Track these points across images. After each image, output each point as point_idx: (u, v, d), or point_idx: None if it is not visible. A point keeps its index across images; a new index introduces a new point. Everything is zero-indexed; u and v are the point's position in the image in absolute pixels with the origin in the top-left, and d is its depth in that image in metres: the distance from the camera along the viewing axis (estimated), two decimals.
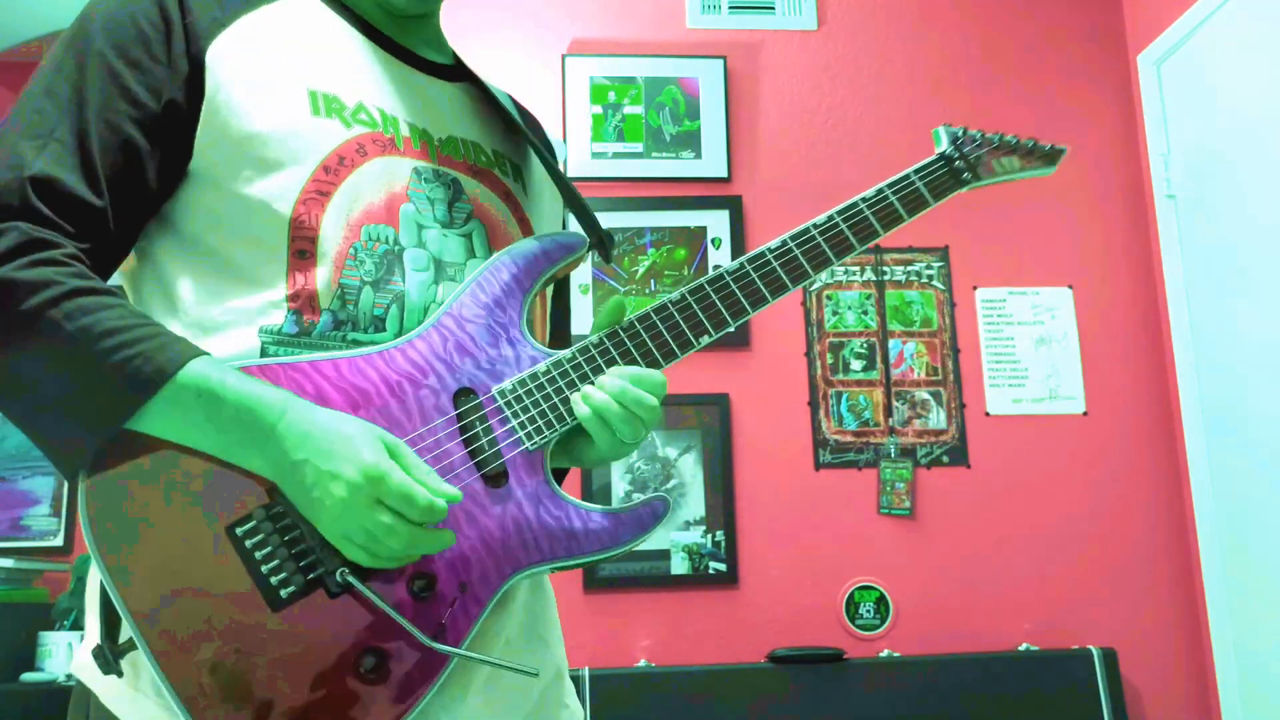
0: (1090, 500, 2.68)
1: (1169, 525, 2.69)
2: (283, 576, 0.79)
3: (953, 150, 1.08)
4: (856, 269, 2.79)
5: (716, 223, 2.77)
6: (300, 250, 0.88)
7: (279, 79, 0.91)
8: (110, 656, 0.79)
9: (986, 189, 1.12)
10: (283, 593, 0.79)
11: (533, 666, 0.84)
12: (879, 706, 2.39)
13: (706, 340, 0.96)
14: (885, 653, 2.53)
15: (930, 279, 2.79)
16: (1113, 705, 2.41)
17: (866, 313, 2.76)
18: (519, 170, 1.09)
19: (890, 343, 2.74)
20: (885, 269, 2.79)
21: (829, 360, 2.72)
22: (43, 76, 0.86)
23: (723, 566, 2.58)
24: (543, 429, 0.90)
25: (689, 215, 2.78)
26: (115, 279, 0.90)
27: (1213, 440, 2.57)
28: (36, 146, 0.82)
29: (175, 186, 0.89)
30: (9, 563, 2.35)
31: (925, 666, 2.45)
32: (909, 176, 1.05)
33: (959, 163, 1.07)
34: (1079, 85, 2.93)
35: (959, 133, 1.09)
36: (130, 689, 0.82)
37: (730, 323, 0.97)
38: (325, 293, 0.88)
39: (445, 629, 0.82)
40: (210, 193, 0.88)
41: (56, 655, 2.30)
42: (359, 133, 0.93)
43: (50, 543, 2.57)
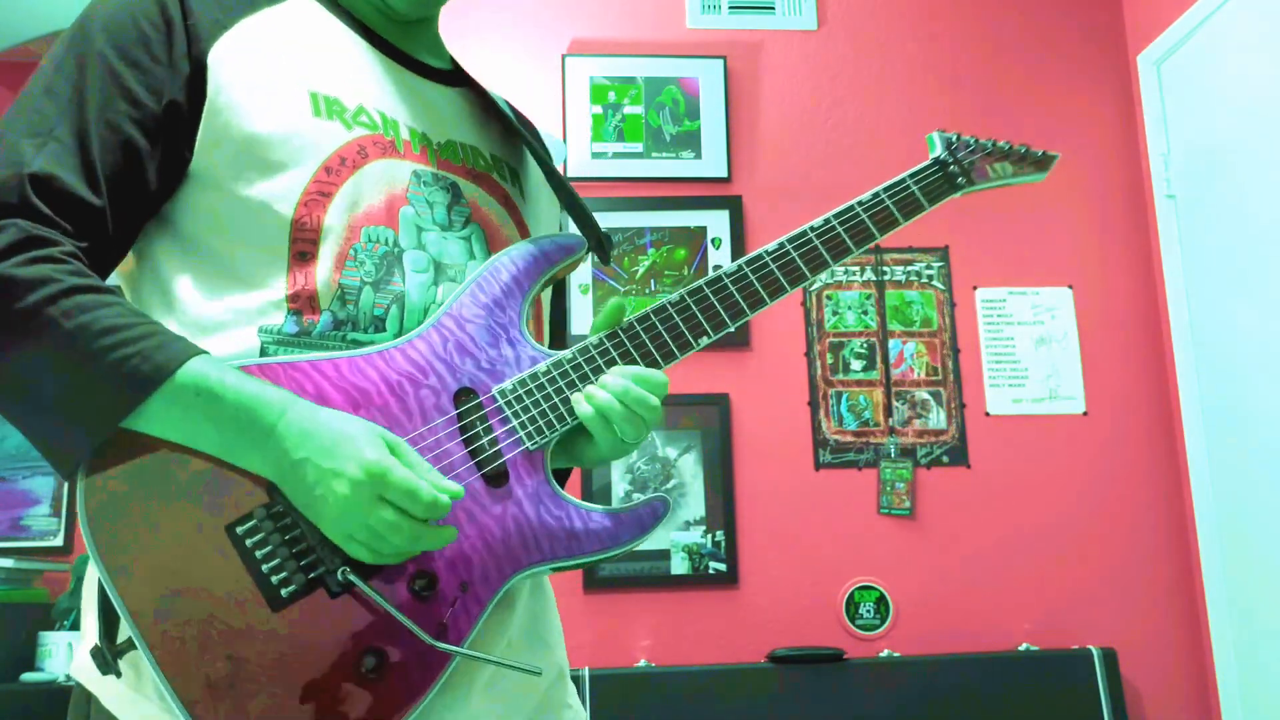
0: (1090, 500, 2.68)
1: (1169, 525, 2.69)
2: (283, 576, 0.79)
3: (947, 155, 1.09)
4: (856, 269, 2.79)
5: (716, 223, 2.77)
6: (301, 251, 0.88)
7: (280, 81, 0.91)
8: (109, 656, 0.78)
9: (983, 192, 1.13)
10: (283, 592, 0.78)
11: (536, 665, 0.84)
12: (879, 706, 2.39)
13: (705, 342, 0.97)
14: (885, 653, 2.53)
15: (930, 279, 2.79)
16: (1113, 705, 2.41)
17: (866, 313, 2.76)
18: (516, 175, 1.09)
19: (890, 343, 2.74)
20: (885, 269, 2.79)
21: (829, 360, 2.72)
22: (43, 76, 0.86)
23: (723, 566, 2.58)
24: (543, 429, 0.90)
25: (689, 215, 2.78)
26: (112, 280, 0.90)
27: (1213, 440, 2.57)
28: (36, 145, 0.82)
29: (175, 187, 0.89)
30: (9, 563, 2.35)
31: (925, 666, 2.45)
32: (904, 181, 1.06)
33: (953, 167, 1.08)
34: (1079, 85, 2.93)
35: (953, 138, 1.10)
36: (131, 691, 0.81)
37: (729, 324, 0.97)
38: (325, 293, 0.88)
39: (447, 628, 0.82)
40: (211, 193, 0.88)
41: (56, 655, 2.30)
42: (360, 135, 0.93)
43: (50, 543, 2.57)
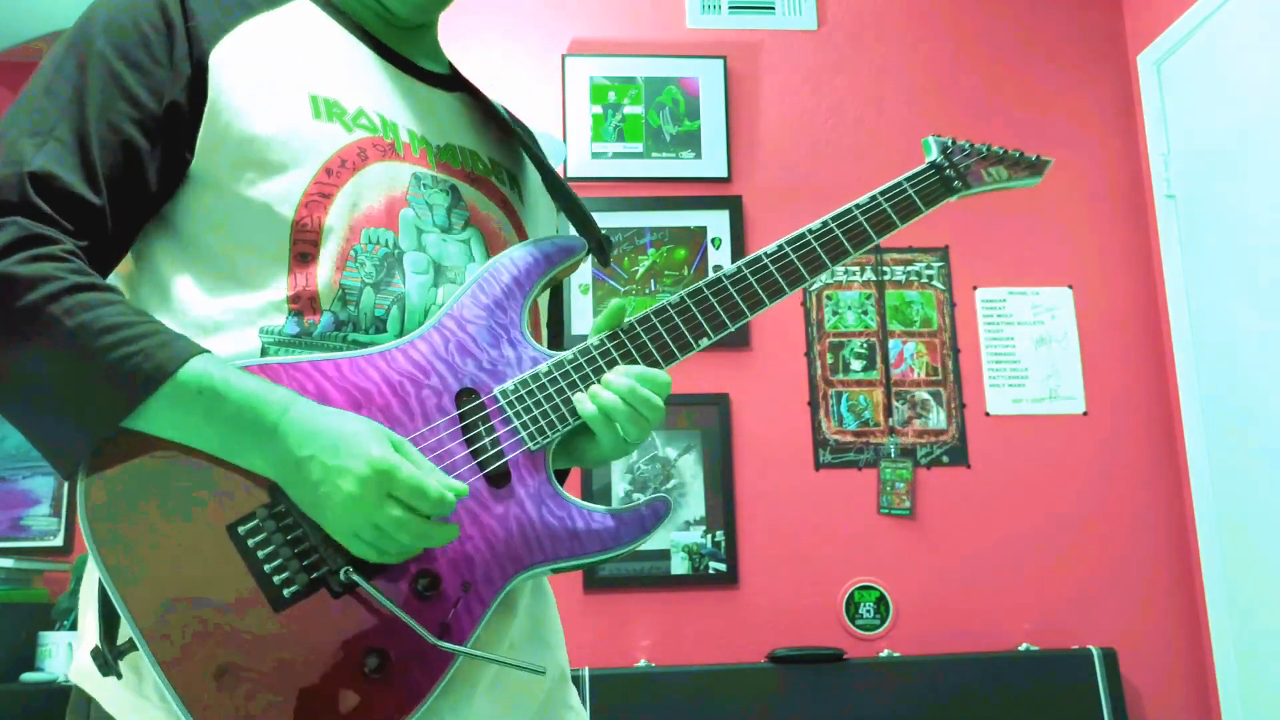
0: (1090, 500, 2.68)
1: (1169, 525, 2.69)
2: (285, 576, 0.79)
3: (942, 159, 1.10)
4: (856, 269, 2.79)
5: (716, 223, 2.77)
6: (302, 253, 0.88)
7: (281, 83, 0.91)
8: (109, 657, 0.78)
9: (980, 195, 1.14)
10: (285, 592, 0.78)
11: (540, 665, 0.84)
12: (879, 706, 2.39)
13: (705, 343, 0.97)
14: (885, 653, 2.53)
15: (930, 279, 2.79)
16: (1113, 705, 2.41)
17: (866, 313, 2.76)
18: (515, 179, 1.09)
19: (890, 343, 2.74)
20: (885, 269, 2.79)
21: (829, 360, 2.72)
22: (43, 76, 0.86)
23: (723, 566, 2.58)
24: (545, 429, 0.90)
25: (689, 215, 2.78)
26: (110, 281, 0.90)
27: (1213, 440, 2.57)
28: (36, 144, 0.82)
29: (175, 189, 0.89)
30: (9, 563, 2.35)
31: (925, 666, 2.45)
32: (901, 184, 1.07)
33: (949, 171, 1.09)
34: (1079, 85, 2.93)
35: (948, 142, 1.11)
36: (131, 693, 0.81)
37: (729, 325, 0.98)
38: (326, 294, 0.88)
39: (450, 628, 0.82)
40: (211, 195, 0.88)
41: (56, 655, 2.30)
42: (360, 137, 0.93)
43: (50, 543, 2.56)
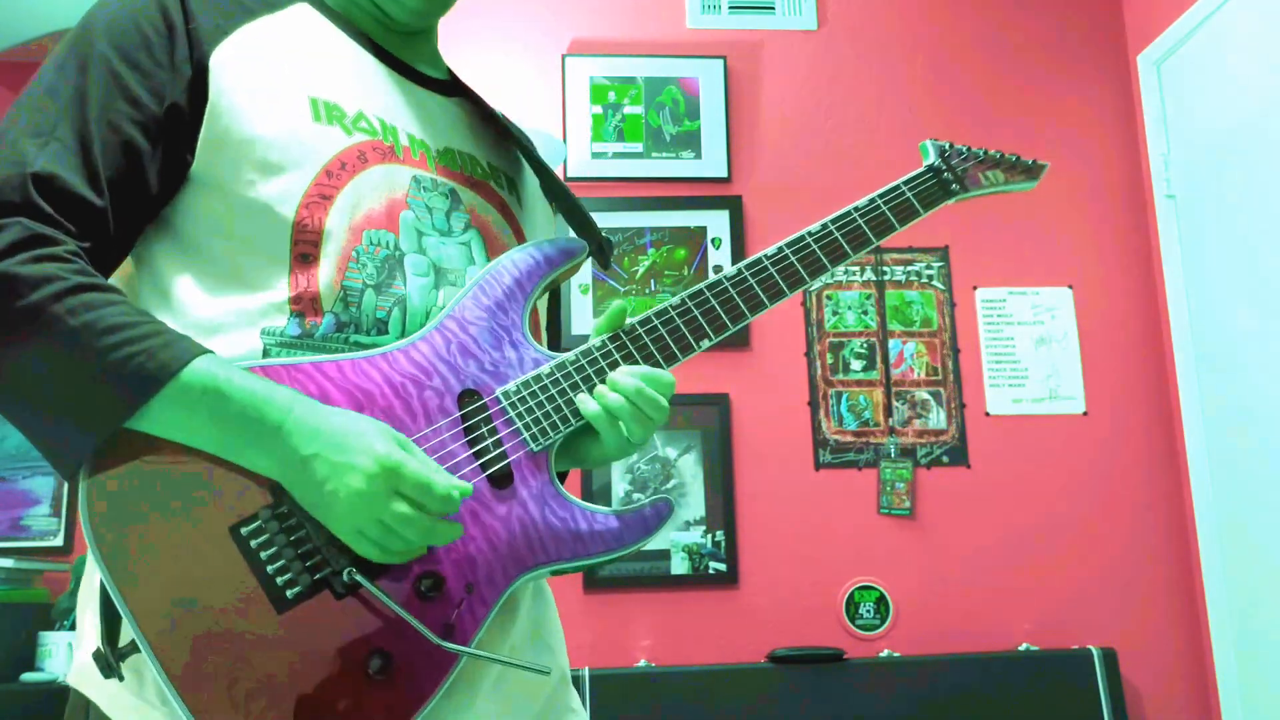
0: (1090, 500, 2.68)
1: (1169, 525, 2.69)
2: (288, 577, 0.78)
3: (940, 163, 1.11)
4: (856, 269, 2.79)
5: (716, 223, 2.77)
6: (303, 254, 0.88)
7: (281, 86, 0.92)
8: (111, 659, 0.78)
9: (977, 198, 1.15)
10: (289, 593, 0.78)
11: (544, 665, 0.84)
12: (879, 706, 2.39)
13: (707, 344, 0.98)
14: (885, 653, 2.53)
15: (930, 279, 2.79)
16: (1113, 705, 2.41)
17: (866, 313, 2.76)
18: (513, 184, 1.10)
19: (890, 343, 2.75)
20: (885, 269, 2.79)
21: (829, 360, 2.72)
22: (45, 77, 0.86)
23: (723, 566, 2.58)
24: (547, 430, 0.90)
25: (689, 215, 2.78)
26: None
27: (1213, 440, 2.58)
28: (38, 144, 0.82)
29: (175, 191, 0.89)
30: (9, 563, 2.35)
31: (925, 666, 2.45)
32: (899, 187, 1.08)
33: (947, 175, 1.10)
34: (1079, 85, 2.93)
35: (945, 146, 1.12)
36: (132, 696, 0.80)
37: (730, 326, 0.98)
38: (328, 295, 0.88)
39: (453, 629, 0.82)
40: (212, 196, 0.88)
41: (56, 655, 2.30)
42: (360, 140, 0.94)
43: (50, 543, 2.56)
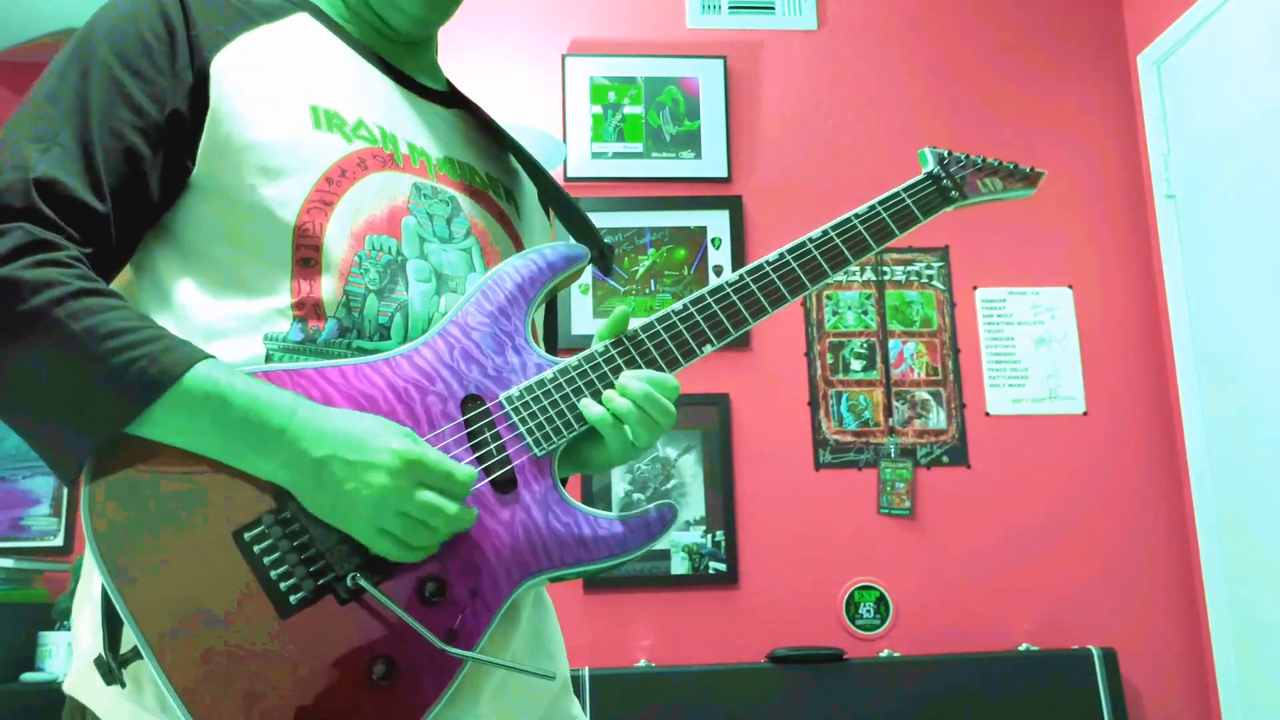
0: (1090, 500, 2.69)
1: (1169, 525, 2.69)
2: (292, 582, 0.78)
3: (939, 170, 1.11)
4: (856, 269, 2.79)
5: (716, 223, 2.77)
6: (305, 258, 0.88)
7: (281, 93, 0.92)
8: (113, 665, 0.77)
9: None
10: (292, 599, 0.78)
11: (549, 670, 0.84)
12: (879, 706, 2.39)
13: (709, 349, 0.98)
14: (885, 653, 2.53)
15: (930, 279, 2.79)
16: (1113, 705, 2.42)
17: (866, 313, 2.76)
18: (511, 194, 1.10)
19: (890, 343, 2.75)
20: (885, 269, 2.79)
21: (829, 360, 2.73)
22: (46, 83, 0.86)
23: (723, 566, 2.58)
24: (551, 435, 0.90)
25: (689, 215, 2.78)
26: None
27: (1213, 440, 2.58)
28: (41, 149, 0.81)
29: (176, 197, 0.89)
30: (9, 563, 2.35)
31: (925, 666, 2.45)
32: (899, 194, 1.08)
33: (946, 182, 1.11)
34: (1079, 85, 2.93)
35: (944, 154, 1.13)
36: (131, 703, 0.80)
37: (732, 332, 0.99)
38: (330, 300, 0.88)
39: (457, 634, 0.82)
40: (213, 202, 0.88)
41: (56, 655, 2.30)
42: (360, 148, 0.94)
43: (50, 543, 2.56)
